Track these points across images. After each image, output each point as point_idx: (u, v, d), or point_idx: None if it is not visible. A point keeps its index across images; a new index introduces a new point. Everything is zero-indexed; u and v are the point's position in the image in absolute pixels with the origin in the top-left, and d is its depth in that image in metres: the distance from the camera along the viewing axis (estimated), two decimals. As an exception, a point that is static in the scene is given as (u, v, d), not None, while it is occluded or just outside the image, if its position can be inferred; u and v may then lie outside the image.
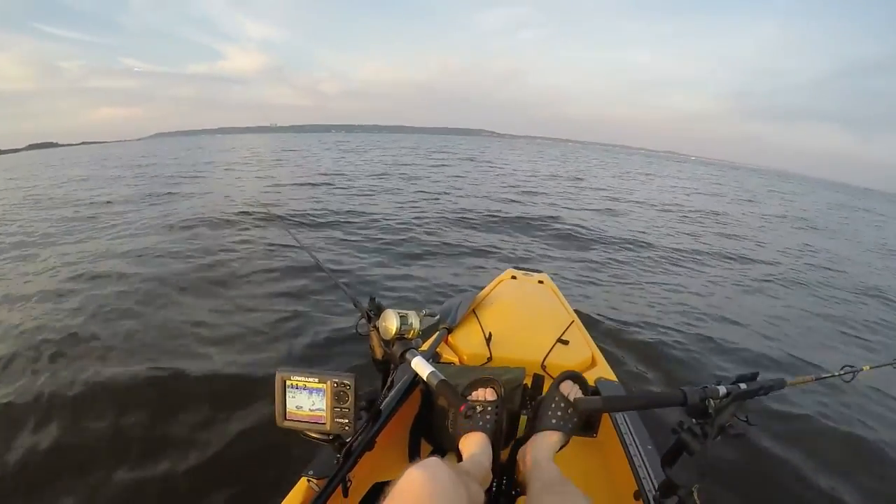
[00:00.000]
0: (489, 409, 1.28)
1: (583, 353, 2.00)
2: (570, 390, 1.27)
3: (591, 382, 1.82)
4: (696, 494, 1.19)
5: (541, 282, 2.80)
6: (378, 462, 1.39)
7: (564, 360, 1.90)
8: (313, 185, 12.72)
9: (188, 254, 5.65)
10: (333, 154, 28.09)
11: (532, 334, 2.05)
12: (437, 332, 2.02)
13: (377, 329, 1.24)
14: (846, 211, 23.11)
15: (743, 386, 1.16)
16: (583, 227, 8.45)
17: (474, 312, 2.19)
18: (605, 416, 1.66)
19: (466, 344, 1.94)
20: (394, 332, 1.19)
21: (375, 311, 1.29)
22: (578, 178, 19.81)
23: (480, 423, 1.25)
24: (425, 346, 1.89)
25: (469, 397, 1.32)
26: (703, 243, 8.40)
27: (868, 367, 1.52)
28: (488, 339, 1.92)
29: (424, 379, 1.10)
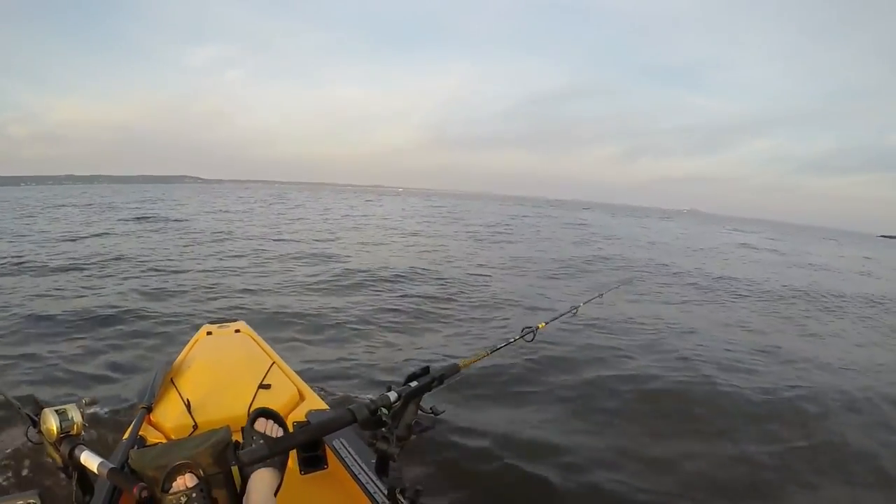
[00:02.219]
0: (193, 495, 1.21)
1: (288, 392, 2.05)
2: (266, 426, 1.28)
3: (302, 417, 1.87)
4: (416, 492, 1.32)
5: (237, 331, 2.76)
6: None
7: (269, 404, 1.91)
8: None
9: None
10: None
11: (233, 389, 2.02)
12: (137, 414, 1.84)
13: (43, 433, 1.14)
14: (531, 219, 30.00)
15: (414, 384, 1.29)
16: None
17: (172, 382, 2.06)
18: (327, 446, 1.74)
19: (168, 419, 1.83)
20: (56, 432, 1.11)
21: (38, 413, 1.17)
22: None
23: None
24: (127, 433, 1.75)
25: (171, 491, 1.23)
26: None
27: (543, 324, 1.83)
28: (189, 407, 1.82)
29: (96, 472, 1.07)
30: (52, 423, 1.12)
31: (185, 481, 1.24)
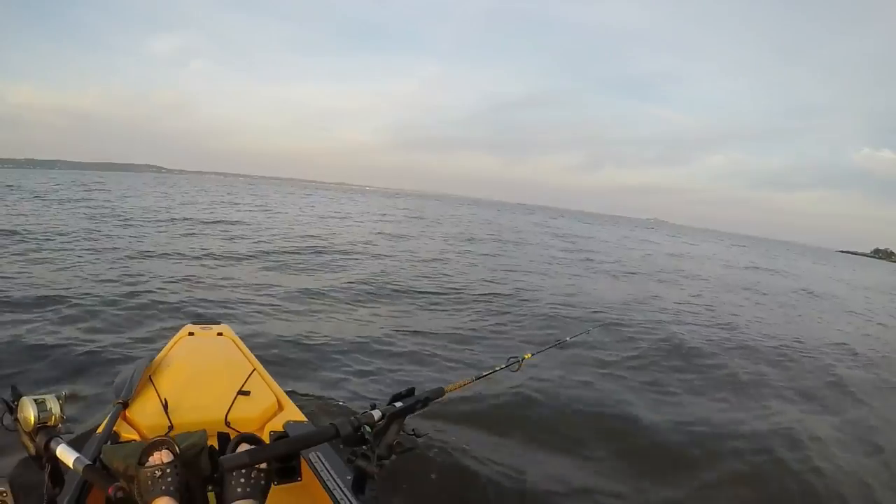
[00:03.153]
0: (168, 470, 1.23)
1: (266, 400, 2.02)
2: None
3: (280, 427, 1.83)
4: None
5: (220, 334, 2.71)
6: None
7: (247, 411, 1.90)
8: None
9: None
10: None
11: (212, 392, 1.99)
12: (112, 410, 1.81)
13: (19, 421, 1.13)
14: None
15: (399, 405, 1.31)
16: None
17: (151, 380, 2.02)
18: (303, 458, 1.71)
19: (144, 416, 1.80)
20: (33, 421, 1.11)
21: (15, 400, 1.16)
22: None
23: (163, 487, 1.20)
24: (101, 427, 1.70)
25: (146, 464, 1.24)
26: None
27: (529, 355, 1.84)
28: (166, 407, 1.79)
29: (71, 467, 1.06)
30: (29, 412, 1.11)
31: (162, 457, 1.25)
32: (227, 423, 1.79)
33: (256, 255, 9.71)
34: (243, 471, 1.21)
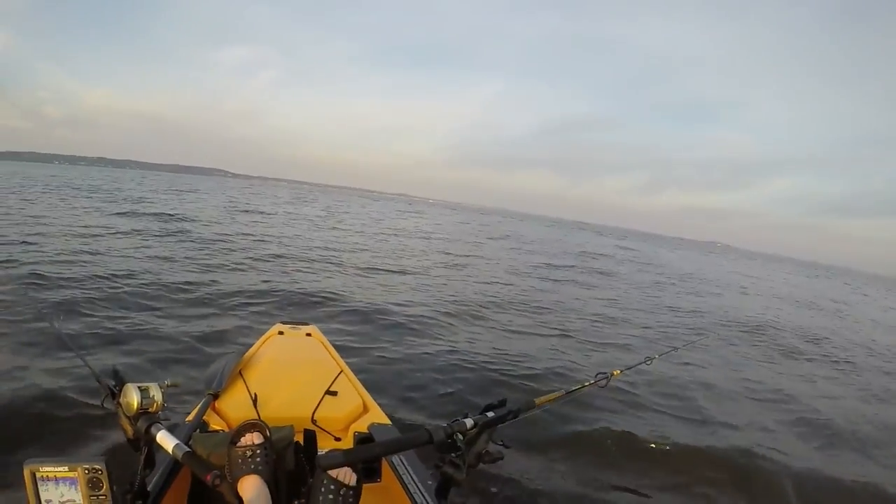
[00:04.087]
0: (258, 451, 1.30)
1: (353, 401, 2.05)
2: (339, 472, 1.24)
3: (364, 428, 1.87)
4: None
5: (309, 334, 2.80)
6: None
7: (334, 411, 1.94)
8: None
9: None
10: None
11: (300, 390, 2.04)
12: (203, 400, 1.91)
13: (122, 405, 1.19)
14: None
15: (490, 414, 1.28)
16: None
17: (241, 374, 2.10)
18: (384, 460, 1.71)
19: (233, 408, 1.88)
20: (136, 407, 1.16)
21: (119, 386, 1.22)
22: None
23: (252, 466, 1.27)
24: (191, 416, 1.79)
25: (238, 444, 1.33)
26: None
27: (618, 372, 1.80)
28: (255, 401, 1.86)
29: (170, 453, 1.11)
30: (133, 398, 1.17)
31: (253, 438, 1.34)
32: (314, 421, 1.83)
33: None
34: (332, 486, 1.20)
